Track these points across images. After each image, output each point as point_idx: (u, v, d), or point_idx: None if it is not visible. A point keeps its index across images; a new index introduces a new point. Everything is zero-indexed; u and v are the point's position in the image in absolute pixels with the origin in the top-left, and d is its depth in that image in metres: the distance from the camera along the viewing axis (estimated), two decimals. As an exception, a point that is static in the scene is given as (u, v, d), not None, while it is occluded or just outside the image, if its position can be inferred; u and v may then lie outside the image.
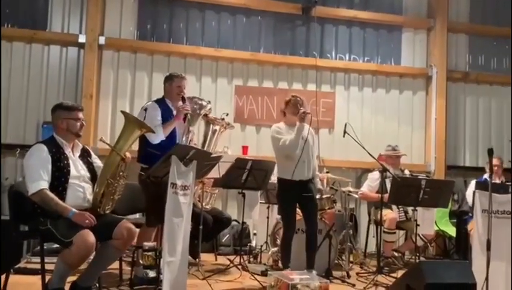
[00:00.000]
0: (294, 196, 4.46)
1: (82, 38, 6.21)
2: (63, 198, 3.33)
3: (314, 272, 4.32)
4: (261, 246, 5.58)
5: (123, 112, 3.80)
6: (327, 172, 5.73)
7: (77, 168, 3.51)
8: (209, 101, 4.81)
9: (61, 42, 6.30)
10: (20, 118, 6.07)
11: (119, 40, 6.41)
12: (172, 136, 4.19)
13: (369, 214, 6.02)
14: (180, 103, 4.30)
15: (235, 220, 5.88)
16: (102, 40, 6.25)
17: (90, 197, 3.52)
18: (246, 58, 6.70)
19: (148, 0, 6.56)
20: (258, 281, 4.29)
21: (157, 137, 4.06)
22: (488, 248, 3.62)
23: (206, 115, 4.76)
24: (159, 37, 6.58)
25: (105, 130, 6.18)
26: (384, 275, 4.86)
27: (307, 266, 4.43)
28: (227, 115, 5.16)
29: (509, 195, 4.23)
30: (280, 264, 4.87)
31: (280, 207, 4.67)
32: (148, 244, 3.66)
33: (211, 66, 6.66)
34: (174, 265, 3.22)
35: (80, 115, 3.55)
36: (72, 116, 3.51)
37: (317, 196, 4.74)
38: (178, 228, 3.24)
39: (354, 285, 4.58)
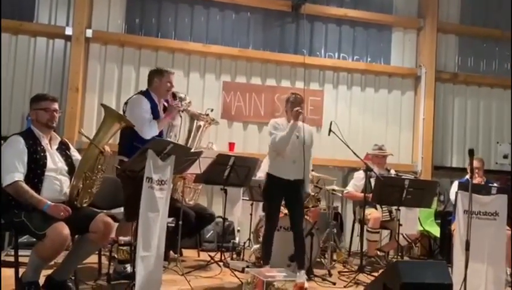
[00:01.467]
0: (280, 194, 4.43)
1: (69, 31, 6.16)
2: (38, 190, 3.31)
3: (302, 272, 4.31)
4: (244, 243, 5.56)
5: (103, 105, 3.78)
6: (312, 170, 5.71)
7: (54, 161, 3.48)
8: (185, 95, 4.78)
9: (47, 34, 6.24)
10: (5, 110, 6.00)
11: (107, 33, 6.37)
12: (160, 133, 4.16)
13: (354, 213, 6.02)
14: (176, 101, 4.28)
15: (220, 217, 5.85)
16: (89, 33, 6.21)
17: (67, 190, 3.49)
18: (235, 55, 6.67)
19: (138, -3, 6.53)
20: (238, 277, 4.27)
21: (151, 132, 4.03)
22: (467, 248, 3.62)
23: (189, 111, 4.73)
24: (147, 32, 6.54)
25: (91, 124, 6.14)
26: (366, 274, 4.86)
27: (297, 266, 4.40)
28: (211, 110, 5.13)
29: (491, 197, 4.24)
30: (261, 261, 4.86)
31: (264, 202, 4.67)
32: (123, 238, 3.62)
33: (199, 61, 6.63)
34: (149, 260, 3.19)
35: (51, 105, 3.48)
36: (40, 107, 3.47)
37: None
38: (153, 222, 3.21)
39: (334, 283, 4.58)
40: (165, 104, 4.36)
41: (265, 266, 4.26)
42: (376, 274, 4.97)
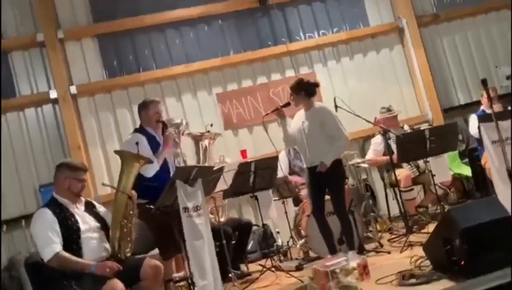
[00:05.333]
0: (314, 181, 4.45)
1: (53, 94, 6.09)
2: (80, 255, 3.27)
3: (353, 252, 4.28)
4: (288, 242, 5.50)
5: (116, 152, 3.76)
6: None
7: (86, 222, 3.45)
8: (182, 119, 4.74)
9: (34, 103, 6.17)
10: (15, 189, 5.94)
11: (90, 84, 6.31)
12: (163, 163, 4.05)
13: (383, 179, 5.97)
14: (170, 129, 4.21)
15: (255, 225, 5.81)
16: (73, 89, 6.15)
17: (107, 245, 3.46)
18: (218, 65, 6.62)
19: (107, 38, 6.44)
20: (295, 277, 4.22)
21: (152, 169, 3.91)
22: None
23: (189, 134, 4.68)
24: (128, 70, 6.47)
25: (102, 177, 6.07)
26: (415, 234, 4.82)
27: (348, 248, 4.38)
28: (211, 125, 5.09)
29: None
30: (312, 254, 4.83)
31: (308, 193, 4.67)
32: (177, 275, 3.58)
33: (187, 82, 6.58)
34: (209, 287, 3.15)
35: (84, 176, 3.49)
36: (75, 176, 3.45)
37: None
38: (201, 250, 3.17)
39: (389, 252, 4.53)
40: None
41: (329, 257, 4.21)
42: (425, 231, 4.95)
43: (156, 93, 6.35)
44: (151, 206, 3.51)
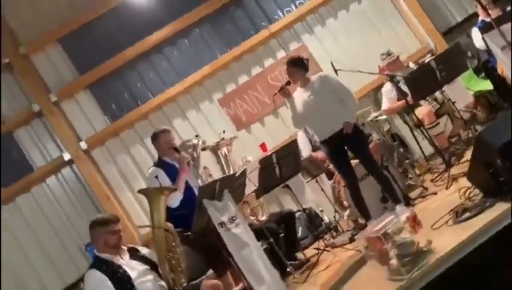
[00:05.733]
0: (337, 152, 4.39)
1: (67, 156, 6.18)
2: (138, 302, 3.28)
3: (400, 205, 4.22)
4: (334, 217, 5.43)
5: (140, 191, 3.77)
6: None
7: (134, 268, 3.45)
8: (197, 135, 4.72)
9: (52, 171, 6.28)
10: (64, 257, 6.06)
11: (97, 134, 6.37)
12: (187, 189, 4.04)
13: (406, 123, 5.82)
14: (184, 154, 4.20)
15: (298, 210, 5.76)
16: (83, 145, 6.22)
17: (162, 282, 3.47)
18: (210, 71, 6.56)
19: (97, 85, 6.47)
20: (352, 249, 4.16)
21: (175, 198, 3.89)
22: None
23: (203, 149, 4.67)
24: (128, 108, 6.50)
25: (140, 217, 6.16)
26: (455, 166, 4.69)
27: (394, 203, 4.31)
28: (224, 132, 5.06)
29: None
30: (362, 221, 4.75)
31: (334, 164, 4.61)
32: (237, 288, 3.57)
33: (186, 99, 6.56)
34: (270, 289, 3.12)
35: (116, 227, 3.46)
36: (108, 230, 3.44)
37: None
38: (250, 257, 3.14)
39: (435, 193, 4.42)
40: None
41: (369, 223, 4.15)
42: (464, 159, 4.81)
43: (161, 119, 6.38)
44: (189, 233, 3.50)
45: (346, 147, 4.43)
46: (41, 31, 6.26)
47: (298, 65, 4.48)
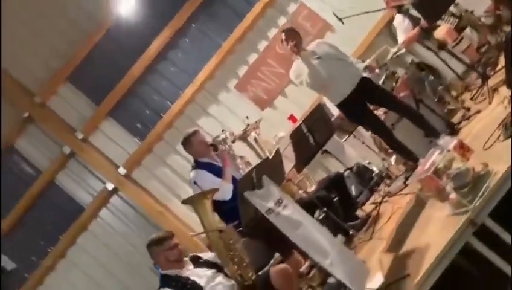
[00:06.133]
0: (361, 107, 4.25)
1: (110, 186, 6.32)
2: (212, 307, 3.29)
3: (442, 136, 4.01)
4: (383, 165, 5.26)
5: (183, 202, 3.75)
6: (362, 61, 5.36)
7: (202, 275, 3.45)
8: (223, 130, 4.67)
9: (101, 204, 6.44)
10: (138, 281, 6.22)
11: (132, 156, 6.46)
12: (233, 180, 4.02)
13: (429, 48, 5.53)
14: (222, 147, 4.21)
15: (346, 169, 5.63)
16: (122, 170, 6.34)
17: (232, 281, 3.46)
18: (218, 61, 6.48)
19: (117, 110, 6.56)
20: (407, 194, 4.01)
21: (227, 191, 3.92)
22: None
23: (233, 141, 4.61)
24: (152, 122, 6.56)
25: (198, 225, 6.16)
26: (492, 76, 4.42)
27: (434, 137, 4.11)
28: (247, 117, 4.98)
29: None
30: (410, 162, 4.57)
31: (361, 124, 4.47)
32: (304, 267, 3.52)
33: (204, 95, 6.54)
34: (336, 260, 3.03)
35: (172, 241, 3.45)
36: (165, 247, 3.43)
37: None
38: (307, 234, 3.04)
39: (479, 111, 4.17)
40: None
41: (418, 163, 3.97)
42: (499, 67, 4.52)
43: (187, 123, 6.39)
44: (240, 228, 3.46)
45: (368, 103, 4.29)
46: (49, 75, 6.35)
47: (297, 34, 4.35)
